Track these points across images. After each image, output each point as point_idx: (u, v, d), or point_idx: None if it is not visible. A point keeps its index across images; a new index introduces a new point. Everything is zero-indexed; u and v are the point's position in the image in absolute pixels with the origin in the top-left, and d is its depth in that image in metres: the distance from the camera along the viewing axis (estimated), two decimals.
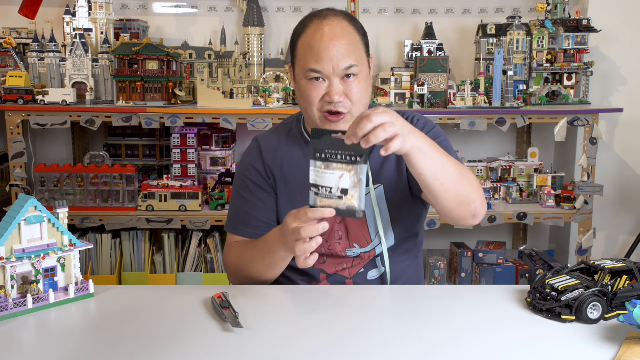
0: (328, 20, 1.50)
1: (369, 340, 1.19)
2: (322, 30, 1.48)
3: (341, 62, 1.46)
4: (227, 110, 2.85)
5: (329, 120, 1.50)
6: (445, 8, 3.38)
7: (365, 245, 1.60)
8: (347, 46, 1.47)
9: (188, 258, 3.03)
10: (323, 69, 1.47)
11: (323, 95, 1.48)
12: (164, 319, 1.29)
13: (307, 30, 1.51)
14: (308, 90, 1.49)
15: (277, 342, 1.18)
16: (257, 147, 1.66)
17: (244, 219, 1.63)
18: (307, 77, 1.49)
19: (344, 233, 1.60)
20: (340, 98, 1.47)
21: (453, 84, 3.05)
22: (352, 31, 1.51)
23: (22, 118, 2.82)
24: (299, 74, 1.52)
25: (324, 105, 1.49)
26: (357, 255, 1.61)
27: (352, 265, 1.61)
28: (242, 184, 1.65)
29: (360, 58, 1.50)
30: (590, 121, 2.92)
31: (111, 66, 2.98)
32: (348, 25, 1.51)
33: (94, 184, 2.93)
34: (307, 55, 1.49)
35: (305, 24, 1.53)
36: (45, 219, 1.33)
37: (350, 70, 1.47)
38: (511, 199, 3.09)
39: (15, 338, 1.21)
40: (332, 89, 1.47)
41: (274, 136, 1.67)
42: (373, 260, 1.62)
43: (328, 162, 1.24)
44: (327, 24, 1.49)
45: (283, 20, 3.36)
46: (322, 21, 1.50)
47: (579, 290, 1.27)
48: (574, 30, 3.12)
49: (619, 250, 3.49)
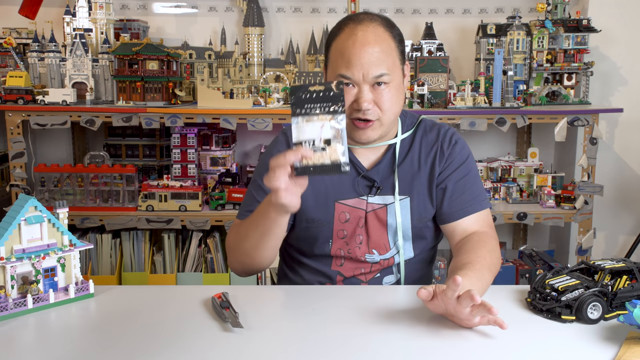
0: (363, 25, 1.47)
1: (368, 340, 1.19)
2: (355, 35, 1.46)
3: (372, 70, 1.44)
4: (227, 110, 2.85)
5: (357, 127, 1.49)
6: (445, 8, 3.38)
7: (384, 253, 1.59)
8: (379, 53, 1.45)
9: (188, 258, 3.03)
10: (353, 76, 1.45)
11: (352, 101, 1.46)
12: (164, 319, 1.29)
13: (341, 34, 1.49)
14: None
15: (277, 342, 1.18)
16: (286, 140, 1.63)
17: (251, 206, 1.56)
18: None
19: (365, 238, 1.58)
20: (369, 105, 1.45)
21: (453, 84, 3.05)
22: (387, 37, 1.48)
23: (22, 118, 2.82)
24: (330, 78, 1.51)
25: (353, 111, 1.47)
26: (377, 261, 1.60)
27: (370, 270, 1.60)
28: (261, 173, 1.57)
29: (393, 66, 1.48)
30: (590, 121, 2.92)
31: (111, 66, 2.98)
32: (384, 31, 1.48)
33: (94, 184, 2.93)
34: (338, 60, 1.47)
35: (340, 27, 1.51)
36: (45, 219, 1.33)
37: (380, 79, 1.45)
38: (511, 199, 3.09)
39: (15, 338, 1.21)
40: (361, 96, 1.45)
41: None
42: (390, 268, 1.61)
43: (308, 116, 1.24)
44: (361, 29, 1.47)
45: (283, 20, 3.36)
46: (356, 25, 1.48)
47: (579, 290, 1.27)
48: (574, 30, 3.12)
49: (619, 250, 3.49)
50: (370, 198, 1.57)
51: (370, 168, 1.59)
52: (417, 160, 1.59)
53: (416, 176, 1.58)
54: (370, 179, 1.58)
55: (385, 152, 1.60)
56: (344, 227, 1.58)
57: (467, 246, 1.49)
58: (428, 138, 1.61)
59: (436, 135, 1.61)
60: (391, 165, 1.59)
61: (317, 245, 1.60)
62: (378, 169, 1.58)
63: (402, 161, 1.59)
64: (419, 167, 1.59)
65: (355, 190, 1.58)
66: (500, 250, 1.51)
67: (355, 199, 1.57)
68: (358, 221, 1.58)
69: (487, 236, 1.54)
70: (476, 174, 1.62)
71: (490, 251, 1.47)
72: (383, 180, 1.58)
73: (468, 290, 1.16)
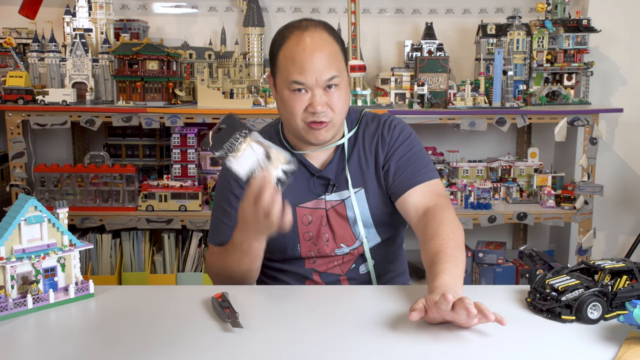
0: (309, 31, 1.51)
1: (368, 340, 1.19)
2: (303, 42, 1.50)
3: (323, 74, 1.49)
4: (227, 110, 2.85)
5: (312, 129, 1.53)
6: (445, 8, 3.38)
7: (351, 244, 1.64)
8: (328, 57, 1.50)
9: (188, 258, 3.03)
10: (306, 81, 1.49)
11: (306, 106, 1.51)
12: (164, 319, 1.29)
13: (288, 42, 1.52)
14: (291, 101, 1.52)
15: (277, 342, 1.18)
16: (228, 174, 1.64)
17: (224, 231, 1.61)
18: (290, 88, 1.51)
19: (330, 235, 1.63)
20: (323, 108, 1.50)
21: (453, 84, 3.05)
22: (332, 42, 1.53)
23: (22, 118, 2.82)
24: (281, 85, 1.54)
25: (308, 115, 1.52)
26: (347, 252, 1.64)
27: (343, 261, 1.64)
28: (222, 196, 1.66)
29: (341, 68, 1.53)
30: (590, 121, 2.92)
31: (111, 66, 2.98)
32: (328, 36, 1.53)
33: (94, 184, 2.93)
34: (289, 67, 1.50)
35: (285, 35, 1.54)
36: (45, 219, 1.33)
37: (332, 81, 1.50)
38: (511, 199, 3.09)
39: (15, 338, 1.21)
40: (314, 100, 1.50)
41: None
42: (362, 255, 1.65)
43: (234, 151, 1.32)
44: (308, 35, 1.50)
45: (283, 20, 3.32)
46: (302, 32, 1.51)
47: (579, 290, 1.27)
48: (574, 30, 3.12)
49: (619, 250, 3.49)
50: (328, 196, 1.63)
51: (323, 168, 1.64)
52: (363, 152, 1.65)
53: (365, 167, 1.64)
54: (325, 177, 1.63)
55: (335, 151, 1.65)
56: (308, 229, 1.63)
57: (428, 230, 1.48)
58: (370, 129, 1.67)
59: (377, 125, 1.67)
60: (342, 161, 1.64)
61: (286, 251, 1.64)
62: (330, 167, 1.64)
63: (350, 156, 1.64)
64: (366, 158, 1.64)
65: (312, 191, 1.63)
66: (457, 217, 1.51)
67: (313, 200, 1.63)
68: (321, 220, 1.63)
69: (440, 209, 1.52)
70: (420, 150, 1.65)
71: (450, 225, 1.46)
72: (336, 177, 1.63)
73: (462, 300, 1.17)
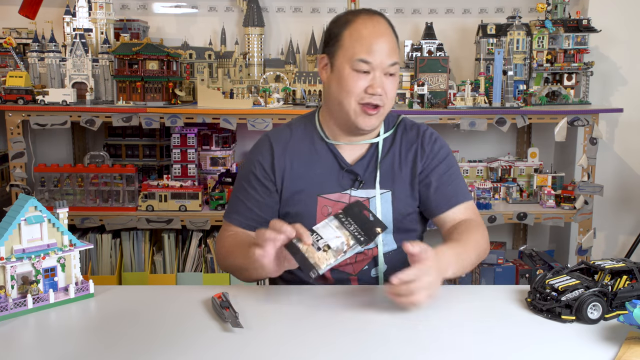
0: (375, 18, 1.57)
1: (368, 340, 1.19)
2: (372, 24, 1.55)
3: (388, 58, 1.53)
4: (227, 110, 2.85)
5: (365, 113, 1.55)
6: (445, 8, 3.38)
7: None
8: (392, 45, 1.56)
9: (188, 258, 3.03)
10: (374, 60, 1.52)
11: (366, 86, 1.53)
12: (164, 319, 1.29)
13: (355, 23, 1.56)
14: (352, 79, 1.54)
15: (277, 342, 1.18)
16: (268, 144, 1.68)
17: (239, 209, 1.66)
18: (354, 67, 1.53)
19: None
20: (382, 91, 1.53)
21: (453, 84, 3.05)
22: (392, 33, 1.59)
23: (22, 118, 2.82)
24: (342, 63, 1.56)
25: (365, 96, 1.54)
26: (361, 251, 1.61)
27: (356, 260, 1.63)
28: (245, 176, 1.68)
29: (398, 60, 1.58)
30: (590, 121, 2.92)
31: (111, 66, 2.98)
32: (388, 27, 1.59)
33: (94, 184, 2.93)
34: (356, 46, 1.53)
35: (352, 17, 1.59)
36: (45, 219, 1.33)
37: (392, 68, 1.54)
38: (511, 199, 3.09)
39: (15, 338, 1.21)
40: (376, 81, 1.53)
41: (286, 129, 1.71)
42: (376, 258, 1.64)
43: (342, 226, 1.35)
44: (376, 21, 1.56)
45: (283, 20, 3.36)
46: (370, 17, 1.57)
47: (579, 290, 1.27)
48: (574, 30, 3.12)
49: (619, 250, 3.49)
50: (354, 192, 1.63)
51: (354, 163, 1.65)
52: (399, 156, 1.66)
53: (397, 172, 1.65)
54: (354, 172, 1.64)
55: (368, 149, 1.66)
56: None
57: (460, 228, 1.58)
58: (408, 136, 1.68)
59: (416, 133, 1.69)
60: (374, 160, 1.65)
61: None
62: (361, 164, 1.64)
63: (384, 157, 1.66)
64: (400, 162, 1.65)
65: (339, 184, 1.64)
66: (487, 237, 1.63)
67: (337, 193, 1.63)
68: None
69: (477, 224, 1.62)
70: (457, 170, 1.70)
71: (482, 237, 1.58)
72: (366, 174, 1.64)
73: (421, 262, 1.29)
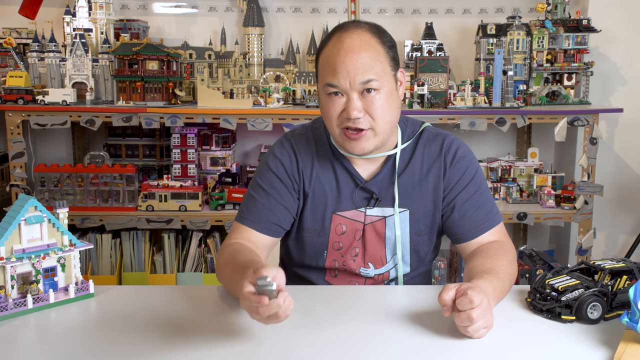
0: (348, 32, 1.44)
1: (369, 341, 1.19)
2: (340, 43, 1.42)
3: (358, 76, 1.40)
4: (227, 110, 2.85)
5: (348, 137, 1.44)
6: (445, 8, 3.38)
7: (380, 267, 1.57)
8: (366, 59, 1.40)
9: (188, 258, 3.03)
10: (339, 83, 1.41)
11: (341, 110, 1.43)
12: (164, 319, 1.29)
13: (328, 44, 1.46)
14: (326, 105, 1.45)
15: (277, 342, 1.18)
16: (292, 149, 1.58)
17: (250, 205, 1.54)
18: (325, 91, 1.44)
19: (361, 250, 1.56)
20: (358, 114, 1.41)
21: (453, 84, 3.05)
22: (374, 43, 1.43)
23: (22, 118, 2.82)
24: (320, 88, 1.48)
25: (343, 121, 1.43)
26: (371, 276, 1.58)
27: (365, 284, 1.59)
28: (263, 175, 1.56)
29: (382, 71, 1.43)
30: (590, 121, 2.92)
31: (111, 66, 2.98)
32: (370, 37, 1.44)
33: (94, 184, 2.93)
34: (325, 70, 1.44)
35: (328, 38, 1.48)
36: (45, 219, 1.33)
37: (369, 85, 1.41)
38: (511, 199, 3.09)
39: (15, 338, 1.21)
40: (349, 104, 1.41)
41: (310, 144, 1.59)
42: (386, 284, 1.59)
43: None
44: (347, 36, 1.43)
45: (283, 20, 3.36)
46: (342, 34, 1.44)
47: (579, 290, 1.27)
48: (574, 30, 3.12)
49: (619, 250, 3.49)
50: (369, 210, 1.54)
51: (369, 179, 1.55)
52: (419, 171, 1.55)
53: (416, 188, 1.54)
54: (369, 190, 1.54)
55: (385, 163, 1.55)
56: (340, 239, 1.56)
57: (489, 251, 1.46)
58: (431, 148, 1.56)
59: (440, 146, 1.56)
60: (391, 176, 1.54)
61: (312, 256, 1.58)
62: (377, 180, 1.54)
63: (403, 172, 1.54)
64: (420, 179, 1.54)
65: (353, 202, 1.54)
66: (516, 261, 1.49)
67: (352, 210, 1.54)
68: (355, 234, 1.55)
69: (507, 246, 1.50)
70: (485, 189, 1.56)
71: (511, 262, 1.44)
72: (382, 191, 1.54)
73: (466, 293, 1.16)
